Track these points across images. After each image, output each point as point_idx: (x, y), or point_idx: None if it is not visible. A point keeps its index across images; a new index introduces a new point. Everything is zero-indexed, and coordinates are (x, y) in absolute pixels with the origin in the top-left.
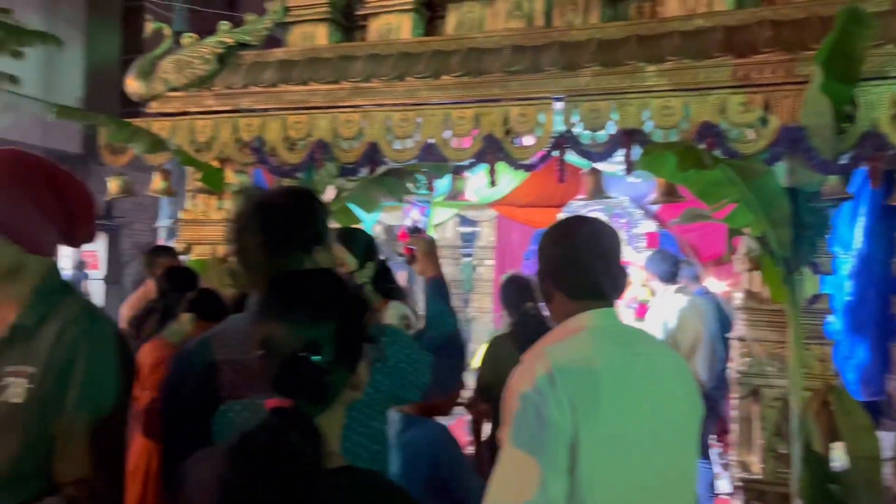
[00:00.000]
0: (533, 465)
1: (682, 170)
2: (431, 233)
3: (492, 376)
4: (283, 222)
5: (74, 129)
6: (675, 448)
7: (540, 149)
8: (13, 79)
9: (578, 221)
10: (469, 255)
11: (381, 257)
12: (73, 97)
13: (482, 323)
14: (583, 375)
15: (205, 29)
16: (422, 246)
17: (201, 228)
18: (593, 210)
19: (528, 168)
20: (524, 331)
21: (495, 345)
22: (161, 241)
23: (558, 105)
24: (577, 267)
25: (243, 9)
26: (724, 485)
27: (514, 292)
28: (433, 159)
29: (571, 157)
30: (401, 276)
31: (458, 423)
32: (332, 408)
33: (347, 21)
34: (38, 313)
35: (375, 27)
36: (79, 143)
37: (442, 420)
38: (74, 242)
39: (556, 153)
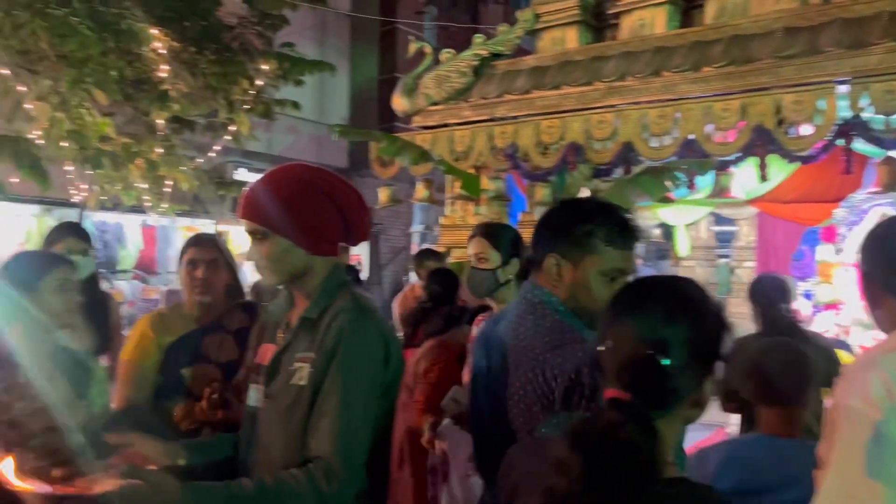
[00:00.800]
0: (873, 490)
1: None
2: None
3: (738, 382)
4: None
5: (342, 146)
6: None
7: (820, 138)
8: (295, 105)
9: None
10: (726, 256)
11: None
12: (340, 117)
13: (741, 330)
14: None
15: (451, 44)
16: None
17: (459, 233)
18: (878, 205)
19: (806, 160)
20: (774, 335)
21: (743, 348)
22: (414, 246)
23: (843, 89)
24: None
25: (485, 21)
26: None
27: (764, 292)
28: (693, 155)
29: (858, 146)
30: None
31: (717, 433)
32: (670, 418)
33: (598, 21)
34: (320, 306)
35: (628, 24)
36: (345, 158)
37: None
38: (352, 241)
39: (840, 142)
